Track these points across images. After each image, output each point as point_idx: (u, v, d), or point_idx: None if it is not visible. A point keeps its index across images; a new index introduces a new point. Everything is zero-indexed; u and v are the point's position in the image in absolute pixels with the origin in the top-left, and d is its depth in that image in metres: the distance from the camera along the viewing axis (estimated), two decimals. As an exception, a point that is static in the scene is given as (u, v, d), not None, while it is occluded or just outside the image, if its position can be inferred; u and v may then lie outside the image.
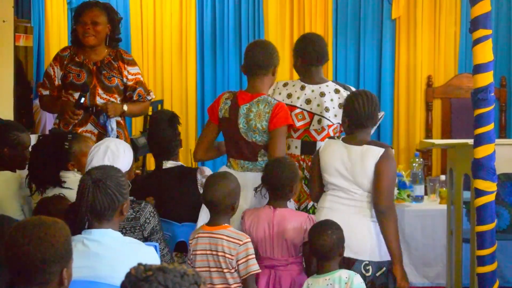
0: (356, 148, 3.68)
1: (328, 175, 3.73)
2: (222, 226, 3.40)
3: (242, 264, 3.33)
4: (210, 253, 3.38)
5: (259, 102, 3.90)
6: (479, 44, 3.89)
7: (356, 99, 3.72)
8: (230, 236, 3.36)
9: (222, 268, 3.35)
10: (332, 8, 7.31)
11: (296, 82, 4.42)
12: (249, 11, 7.35)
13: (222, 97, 4.02)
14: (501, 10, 7.25)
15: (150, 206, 3.50)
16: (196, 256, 3.40)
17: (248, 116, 3.89)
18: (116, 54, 4.71)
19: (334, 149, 3.73)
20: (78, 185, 2.87)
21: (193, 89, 7.44)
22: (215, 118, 4.03)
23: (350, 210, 3.67)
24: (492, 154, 3.93)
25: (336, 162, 3.70)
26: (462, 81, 7.22)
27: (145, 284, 1.81)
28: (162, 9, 7.38)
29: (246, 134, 3.90)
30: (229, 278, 3.35)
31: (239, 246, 3.33)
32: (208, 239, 3.39)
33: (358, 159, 3.66)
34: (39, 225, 2.27)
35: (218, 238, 3.36)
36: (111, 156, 3.35)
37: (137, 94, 4.69)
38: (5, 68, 5.14)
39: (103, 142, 3.48)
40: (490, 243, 3.99)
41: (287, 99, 4.33)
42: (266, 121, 3.86)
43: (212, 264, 3.37)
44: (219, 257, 3.35)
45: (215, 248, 3.36)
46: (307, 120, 4.34)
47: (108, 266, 2.72)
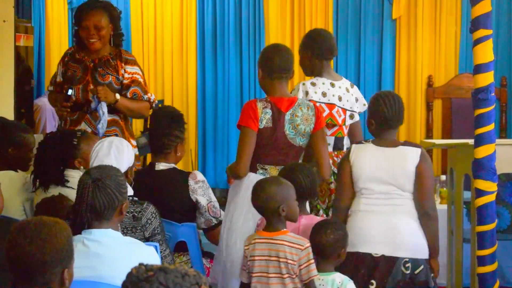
0: (392, 150, 3.68)
1: (363, 181, 3.69)
2: (281, 232, 3.33)
3: (304, 269, 3.28)
4: (269, 259, 3.30)
5: (301, 106, 3.88)
6: (480, 44, 3.89)
7: (383, 101, 3.72)
8: (291, 242, 3.30)
9: (282, 274, 3.28)
10: (332, 8, 7.32)
11: (323, 80, 4.39)
12: (250, 11, 7.35)
13: (258, 107, 3.87)
14: (501, 10, 7.25)
15: (152, 207, 3.49)
16: (254, 262, 3.32)
17: (295, 122, 3.85)
18: (116, 53, 4.71)
19: (366, 153, 3.71)
20: (78, 184, 2.87)
21: (194, 89, 7.44)
22: (256, 127, 3.86)
23: (390, 211, 3.66)
24: (492, 154, 3.92)
25: (372, 167, 3.68)
26: (462, 81, 7.22)
27: (146, 284, 1.81)
28: (162, 9, 7.38)
29: (295, 140, 3.87)
30: (288, 283, 3.28)
31: (301, 251, 3.27)
32: (267, 245, 3.31)
33: (397, 161, 3.66)
34: (40, 225, 2.27)
35: (279, 244, 3.29)
36: (116, 151, 3.36)
37: (131, 92, 4.65)
38: (6, 68, 5.14)
39: (105, 139, 3.50)
40: (491, 243, 3.99)
41: (323, 98, 4.33)
42: (313, 123, 3.88)
43: (271, 270, 3.29)
44: (281, 263, 3.28)
45: (275, 254, 3.29)
46: (343, 117, 4.39)
47: (108, 266, 2.72)
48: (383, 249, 3.61)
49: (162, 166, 4.05)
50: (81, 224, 2.80)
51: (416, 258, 3.64)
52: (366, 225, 3.61)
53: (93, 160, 3.35)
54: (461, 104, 7.10)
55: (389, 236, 3.59)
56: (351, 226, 3.67)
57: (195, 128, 7.46)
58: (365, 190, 3.70)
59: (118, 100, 4.59)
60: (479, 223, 3.99)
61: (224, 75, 7.41)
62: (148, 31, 7.40)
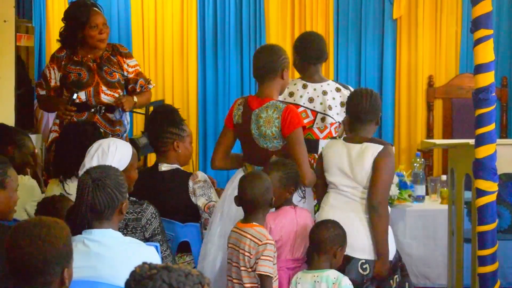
0: (356, 146, 3.71)
1: (329, 175, 3.77)
2: (250, 225, 3.43)
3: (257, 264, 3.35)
4: (235, 249, 3.43)
5: (268, 108, 3.82)
6: (480, 44, 3.89)
7: (356, 95, 3.79)
8: (253, 235, 3.38)
9: (240, 265, 3.39)
10: (333, 8, 7.31)
11: (297, 80, 4.42)
12: (250, 11, 7.35)
13: (236, 103, 3.98)
14: (502, 10, 7.24)
15: (152, 207, 3.48)
16: (228, 249, 3.49)
17: (258, 122, 3.82)
18: (113, 48, 4.73)
19: (335, 149, 3.78)
20: (78, 184, 2.87)
21: (194, 89, 7.44)
22: (230, 124, 3.95)
23: (349, 208, 3.69)
24: (493, 154, 3.93)
25: (337, 161, 3.74)
26: (463, 81, 7.21)
27: (150, 282, 1.82)
28: (163, 9, 7.38)
29: (258, 140, 3.84)
30: (244, 276, 3.37)
31: (258, 246, 3.35)
32: (236, 234, 3.45)
33: (357, 156, 3.69)
34: (39, 226, 2.27)
35: (243, 236, 3.41)
36: (100, 154, 3.34)
37: (139, 86, 4.74)
38: (6, 67, 5.14)
39: (103, 140, 3.48)
40: (491, 243, 3.99)
41: (289, 98, 4.33)
42: (277, 127, 3.78)
43: (235, 259, 3.43)
44: (240, 254, 3.39)
45: (238, 244, 3.41)
46: (311, 119, 4.35)
47: (109, 266, 2.72)
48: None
49: (164, 167, 4.03)
50: (82, 224, 2.80)
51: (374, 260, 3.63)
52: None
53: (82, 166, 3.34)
54: (462, 104, 7.10)
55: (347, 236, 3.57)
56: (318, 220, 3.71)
57: (196, 128, 7.45)
58: (332, 184, 3.76)
59: (136, 102, 4.65)
60: (480, 223, 3.99)
61: (225, 75, 7.41)
62: (148, 31, 7.40)
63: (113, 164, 3.31)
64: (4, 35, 5.12)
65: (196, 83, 7.43)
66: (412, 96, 7.32)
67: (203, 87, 7.44)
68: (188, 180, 3.97)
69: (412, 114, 7.32)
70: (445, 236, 5.07)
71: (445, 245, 5.06)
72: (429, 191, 5.84)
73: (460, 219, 4.58)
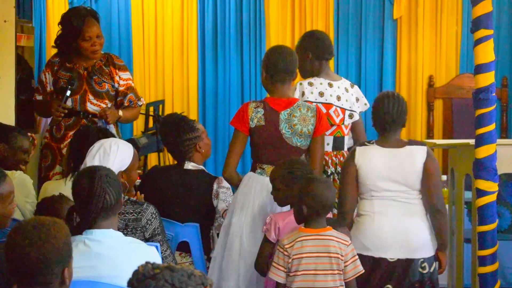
0: (400, 150, 3.71)
1: (372, 182, 3.69)
2: (327, 228, 3.34)
3: (351, 264, 3.30)
4: (318, 256, 3.29)
5: (300, 107, 3.90)
6: (481, 44, 3.90)
7: (387, 102, 3.75)
8: (338, 237, 3.32)
9: (333, 270, 3.29)
10: (333, 8, 7.31)
11: (322, 80, 4.39)
12: (251, 11, 7.35)
13: (249, 107, 3.93)
14: (502, 10, 7.24)
15: (152, 207, 3.48)
16: (301, 259, 3.29)
17: (292, 121, 3.86)
18: (108, 59, 4.71)
19: (373, 155, 3.72)
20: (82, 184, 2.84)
21: (195, 89, 7.44)
22: (246, 129, 3.93)
23: (402, 212, 3.68)
24: (493, 154, 3.93)
25: (380, 168, 3.69)
26: (463, 81, 7.21)
27: (152, 281, 1.82)
28: (163, 8, 7.38)
29: (291, 139, 3.87)
30: (337, 280, 3.30)
31: (346, 246, 3.31)
32: (314, 241, 3.30)
33: (405, 160, 3.68)
34: (38, 226, 2.26)
35: (329, 240, 3.30)
36: (102, 153, 3.34)
37: (128, 100, 4.70)
38: (6, 68, 5.13)
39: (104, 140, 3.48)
40: (492, 243, 3.99)
41: (320, 98, 4.32)
42: (312, 125, 3.88)
43: (321, 266, 3.28)
44: (332, 258, 3.28)
45: (326, 250, 3.29)
46: (341, 116, 4.39)
47: (110, 265, 2.72)
48: (399, 253, 3.65)
49: (191, 166, 4.13)
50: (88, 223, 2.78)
51: (430, 257, 3.69)
52: (380, 229, 3.62)
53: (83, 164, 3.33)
54: (462, 104, 7.10)
55: (403, 240, 3.63)
56: (363, 229, 3.68)
57: (196, 128, 7.45)
58: (375, 192, 3.70)
59: (121, 116, 4.63)
60: (480, 223, 3.99)
61: (225, 75, 7.41)
62: (149, 30, 7.40)
63: (115, 164, 3.31)
64: (4, 35, 5.11)
65: (196, 83, 7.42)
66: (412, 96, 7.31)
67: (203, 87, 7.43)
68: (214, 182, 4.07)
69: (412, 114, 7.32)
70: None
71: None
72: (429, 191, 5.83)
73: (460, 219, 4.58)
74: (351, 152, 3.81)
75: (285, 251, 3.29)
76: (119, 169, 3.36)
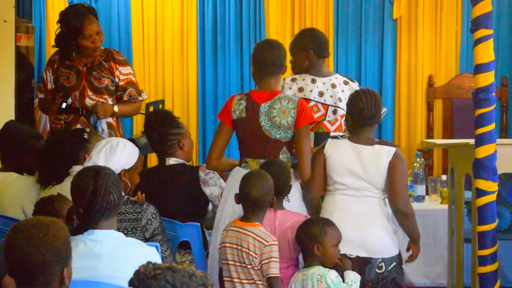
0: (367, 148, 3.70)
1: (337, 175, 3.73)
2: (252, 224, 3.43)
3: (265, 265, 3.36)
4: (235, 247, 3.43)
5: (281, 99, 3.87)
6: (480, 44, 3.90)
7: (361, 98, 3.75)
8: (257, 235, 3.38)
9: (245, 263, 3.40)
10: (333, 8, 7.31)
11: (305, 76, 4.38)
12: (250, 10, 7.35)
13: (234, 99, 3.96)
14: (502, 10, 7.25)
15: (152, 207, 3.49)
16: (226, 248, 3.46)
17: (271, 114, 3.85)
18: (108, 54, 4.70)
19: (343, 149, 3.74)
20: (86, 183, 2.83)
21: (194, 89, 7.44)
22: (229, 121, 3.94)
23: (363, 210, 3.69)
24: (493, 154, 3.93)
25: (347, 162, 3.71)
26: (463, 81, 7.22)
27: (154, 282, 1.82)
28: (163, 8, 7.38)
29: (270, 132, 3.86)
30: (252, 274, 3.39)
31: (264, 246, 3.36)
32: (236, 233, 3.43)
33: (372, 159, 3.68)
34: (37, 226, 2.26)
35: (246, 235, 3.40)
36: (109, 150, 3.35)
37: (127, 95, 4.68)
38: (7, 67, 5.14)
39: (109, 138, 3.50)
40: (491, 243, 3.99)
41: (299, 93, 4.30)
42: (292, 117, 3.84)
43: (236, 258, 3.43)
44: (243, 252, 3.39)
45: (240, 243, 3.41)
46: (322, 112, 4.35)
47: (110, 266, 2.72)
48: (358, 250, 3.65)
49: (172, 161, 4.13)
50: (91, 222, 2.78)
51: (389, 257, 3.68)
52: (342, 226, 3.58)
53: (88, 160, 3.35)
54: (462, 104, 7.10)
55: (363, 239, 3.64)
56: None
57: (196, 127, 7.45)
58: (340, 185, 3.72)
59: (116, 112, 4.62)
60: (480, 223, 4.00)
61: (225, 74, 7.41)
62: (148, 30, 7.40)
63: (120, 160, 3.34)
64: (4, 35, 5.12)
65: (196, 82, 7.43)
66: (412, 96, 7.32)
67: (203, 86, 7.44)
68: (198, 170, 4.10)
69: (412, 114, 7.32)
70: (445, 236, 5.07)
71: (445, 245, 5.06)
72: (429, 191, 5.84)
73: (460, 219, 4.58)
74: (322, 143, 3.84)
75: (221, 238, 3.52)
76: (123, 167, 3.38)
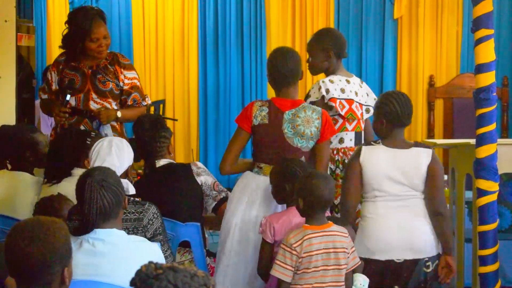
0: (405, 152, 3.69)
1: (376, 183, 3.67)
2: (329, 224, 3.34)
3: (352, 254, 3.33)
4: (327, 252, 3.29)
5: (305, 108, 3.88)
6: (481, 44, 3.89)
7: (394, 99, 3.73)
8: (340, 231, 3.32)
9: (340, 264, 3.30)
10: (334, 8, 7.32)
11: (340, 77, 4.34)
12: (251, 11, 7.36)
13: (255, 105, 3.93)
14: (503, 10, 7.25)
15: (154, 207, 3.49)
16: (311, 257, 3.28)
17: (295, 122, 3.85)
18: (113, 58, 4.69)
19: (379, 156, 3.69)
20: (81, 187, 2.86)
21: (195, 89, 7.45)
22: (248, 127, 3.92)
23: (405, 213, 3.68)
24: (494, 154, 3.93)
25: (385, 169, 3.67)
26: (464, 81, 7.22)
27: (155, 282, 1.82)
28: (164, 9, 7.39)
29: (292, 140, 3.85)
30: (343, 274, 3.31)
31: (347, 239, 3.32)
32: (321, 238, 3.29)
33: (411, 163, 3.67)
34: (38, 226, 2.26)
35: (334, 235, 3.30)
36: (117, 149, 3.37)
37: (132, 99, 4.68)
38: (7, 67, 5.14)
39: (105, 138, 3.50)
40: (492, 243, 3.99)
41: (342, 94, 4.27)
42: (316, 128, 3.85)
43: (332, 262, 3.29)
44: (339, 253, 3.29)
45: (333, 246, 3.29)
46: (361, 111, 4.38)
47: (114, 263, 2.73)
48: (405, 254, 3.65)
49: (162, 162, 4.14)
50: (89, 226, 2.80)
51: (433, 256, 3.71)
52: (385, 232, 3.61)
53: (95, 159, 3.35)
54: (463, 104, 7.11)
55: (408, 241, 3.64)
56: (368, 233, 3.67)
57: (197, 128, 7.46)
58: (379, 192, 3.68)
59: (120, 117, 4.62)
60: (481, 223, 3.99)
61: (226, 74, 7.42)
62: (149, 31, 7.41)
63: (128, 158, 3.36)
64: (5, 35, 5.12)
65: (197, 82, 7.43)
66: (413, 96, 7.32)
67: (204, 87, 7.44)
68: (191, 165, 4.14)
69: (413, 114, 7.29)
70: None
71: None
72: (430, 191, 5.83)
73: (461, 219, 4.58)
74: (356, 150, 3.79)
75: (293, 250, 3.26)
76: (130, 164, 3.40)
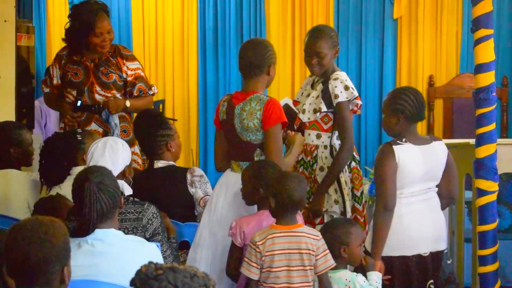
0: (428, 147, 3.68)
1: (410, 182, 3.64)
2: (298, 225, 3.35)
3: (321, 258, 3.30)
4: (290, 252, 3.29)
5: (251, 100, 3.74)
6: (481, 44, 3.90)
7: (412, 95, 3.68)
8: (309, 233, 3.31)
9: (304, 265, 3.28)
10: (333, 7, 7.32)
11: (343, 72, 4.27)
12: (251, 10, 7.35)
13: (222, 100, 3.92)
14: (502, 10, 7.25)
15: (153, 207, 3.48)
16: (274, 256, 3.28)
17: (242, 116, 3.74)
18: (115, 50, 4.71)
19: (413, 155, 3.64)
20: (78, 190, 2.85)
21: (195, 89, 7.44)
22: (218, 123, 3.92)
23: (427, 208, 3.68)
24: (493, 154, 3.93)
25: (419, 168, 3.64)
26: (463, 80, 7.22)
27: (155, 282, 1.82)
28: (163, 8, 7.39)
29: (241, 134, 3.76)
30: (310, 275, 3.29)
31: (317, 241, 3.30)
32: (286, 238, 3.29)
33: (434, 158, 3.68)
34: (37, 225, 2.26)
35: (300, 236, 3.29)
36: (111, 150, 3.35)
37: (137, 90, 4.69)
38: (7, 67, 5.14)
39: (100, 139, 3.49)
40: (492, 243, 3.99)
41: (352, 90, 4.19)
42: (258, 119, 3.70)
43: (294, 263, 3.28)
44: (303, 254, 3.28)
45: (297, 246, 3.28)
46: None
47: (113, 263, 2.73)
48: (431, 246, 3.67)
49: (160, 164, 4.12)
50: (89, 229, 2.80)
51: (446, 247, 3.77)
52: (411, 228, 3.60)
53: (89, 161, 3.34)
54: (462, 104, 7.10)
55: (432, 233, 3.66)
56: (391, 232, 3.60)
57: (196, 128, 7.46)
58: (408, 189, 3.65)
59: (128, 106, 4.62)
60: (480, 222, 4.00)
61: (225, 74, 7.41)
62: (149, 30, 7.41)
63: (123, 159, 3.34)
64: (4, 35, 5.12)
65: (197, 82, 7.43)
66: (413, 96, 7.31)
67: (204, 86, 7.44)
68: (186, 172, 4.09)
69: (413, 113, 7.32)
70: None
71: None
72: (429, 190, 5.83)
73: (461, 218, 4.59)
74: (386, 149, 3.66)
75: (256, 248, 3.27)
76: (126, 164, 3.39)
